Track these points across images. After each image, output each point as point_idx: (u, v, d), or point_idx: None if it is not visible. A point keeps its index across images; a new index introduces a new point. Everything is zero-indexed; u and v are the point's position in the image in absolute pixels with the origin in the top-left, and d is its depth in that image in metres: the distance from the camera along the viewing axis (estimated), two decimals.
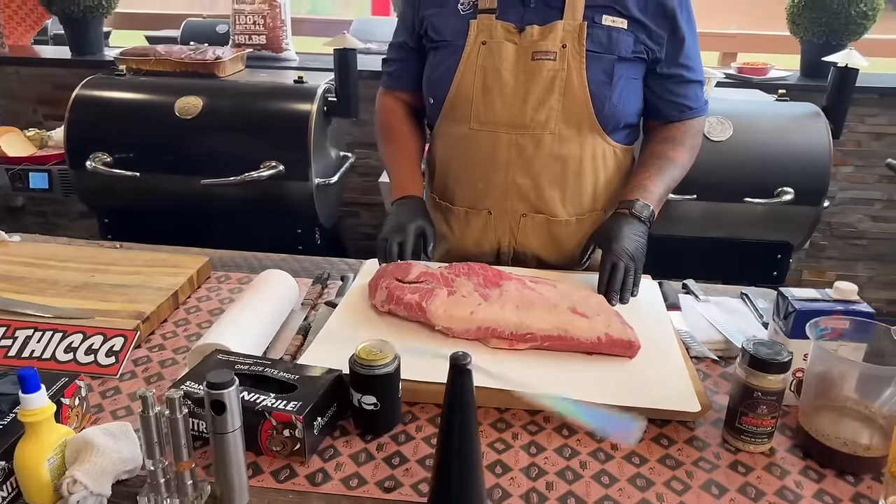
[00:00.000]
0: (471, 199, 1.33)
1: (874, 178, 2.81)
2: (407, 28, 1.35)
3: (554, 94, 1.22)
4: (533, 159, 1.26)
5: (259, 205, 2.23)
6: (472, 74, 1.24)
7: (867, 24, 2.62)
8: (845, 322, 0.92)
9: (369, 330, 1.07)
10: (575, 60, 1.20)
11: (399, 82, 1.41)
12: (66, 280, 1.22)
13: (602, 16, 1.20)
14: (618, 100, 1.23)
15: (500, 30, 1.23)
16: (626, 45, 1.21)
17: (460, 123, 1.28)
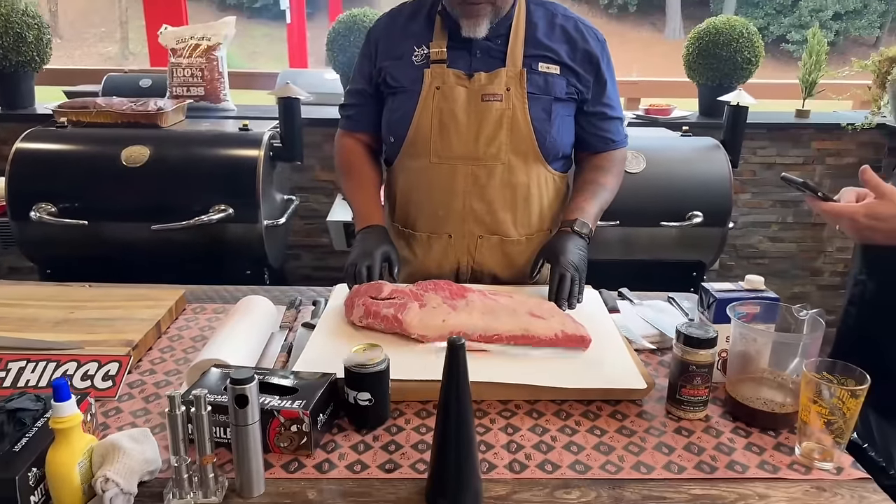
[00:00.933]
0: (432, 225, 1.48)
1: (769, 203, 3.15)
2: (364, 77, 1.50)
3: (503, 129, 1.39)
4: (487, 187, 1.42)
5: (209, 248, 2.28)
6: (429, 115, 1.40)
7: (752, 68, 2.98)
8: (756, 307, 1.10)
9: (351, 342, 1.17)
10: (519, 101, 1.39)
11: (358, 124, 1.55)
12: (47, 317, 1.27)
13: (538, 63, 1.40)
14: (556, 134, 1.43)
15: (452, 76, 1.40)
16: (560, 87, 1.41)
17: (420, 158, 1.44)
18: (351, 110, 1.56)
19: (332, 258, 3.15)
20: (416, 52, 1.42)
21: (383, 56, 1.46)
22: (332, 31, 2.86)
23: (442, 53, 1.41)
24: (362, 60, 1.51)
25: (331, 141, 2.94)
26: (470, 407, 0.83)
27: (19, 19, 2.78)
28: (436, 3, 1.45)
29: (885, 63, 2.95)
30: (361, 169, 1.54)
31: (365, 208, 1.48)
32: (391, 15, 1.51)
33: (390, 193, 1.57)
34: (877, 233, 1.06)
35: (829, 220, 1.14)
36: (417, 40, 1.43)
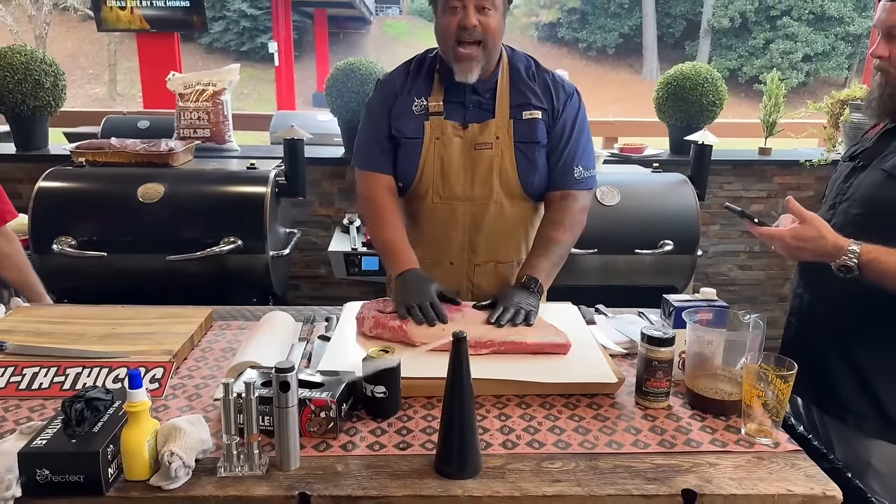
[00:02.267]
0: (435, 254, 1.69)
1: (737, 234, 3.39)
2: (382, 125, 1.65)
3: (493, 174, 1.62)
4: (482, 222, 1.65)
5: (219, 277, 2.45)
6: (431, 163, 1.63)
7: (716, 110, 3.25)
8: (709, 314, 1.30)
9: (364, 348, 1.35)
10: (506, 149, 1.61)
11: (383, 166, 1.67)
12: (92, 332, 1.44)
13: (522, 112, 1.62)
14: (538, 178, 1.65)
15: (449, 128, 1.62)
16: (542, 132, 1.62)
17: (424, 198, 1.66)
18: (371, 151, 1.68)
19: (329, 288, 3.33)
20: (416, 104, 1.63)
21: (394, 108, 1.64)
22: (330, 78, 3.08)
23: (439, 106, 1.62)
24: (379, 109, 1.66)
25: (328, 178, 3.19)
26: (471, 390, 1.01)
27: (38, 66, 2.99)
28: (436, 60, 1.66)
29: (836, 105, 3.22)
30: (393, 213, 1.66)
31: (405, 253, 1.59)
32: (400, 71, 1.69)
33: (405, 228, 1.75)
34: (803, 251, 1.27)
35: (766, 241, 1.35)
36: (418, 93, 1.64)
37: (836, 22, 23.27)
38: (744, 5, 24.11)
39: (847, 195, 1.38)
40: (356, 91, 3.01)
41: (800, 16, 23.50)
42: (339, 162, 3.19)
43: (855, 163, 1.40)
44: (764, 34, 24.09)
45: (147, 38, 7.39)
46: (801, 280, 1.47)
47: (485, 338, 1.35)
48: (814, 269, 1.37)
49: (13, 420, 1.15)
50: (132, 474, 0.98)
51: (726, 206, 1.41)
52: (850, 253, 1.22)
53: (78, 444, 0.96)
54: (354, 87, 3.01)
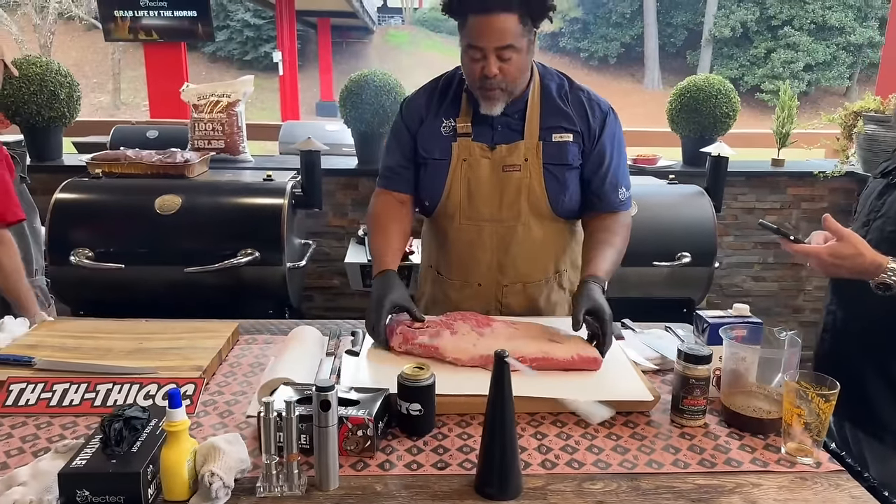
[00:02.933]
0: (463, 275, 1.67)
1: (751, 245, 3.38)
2: (403, 145, 1.65)
3: (521, 196, 1.59)
4: (510, 243, 1.63)
5: (236, 289, 2.45)
6: (458, 184, 1.60)
7: (730, 121, 3.25)
8: (744, 330, 1.29)
9: (395, 365, 1.34)
10: (535, 170, 1.58)
11: (397, 185, 1.67)
12: (119, 347, 1.43)
13: (552, 134, 1.58)
14: (567, 198, 1.61)
15: (477, 149, 1.59)
16: (574, 154, 1.59)
17: (452, 219, 1.64)
18: (389, 172, 1.68)
19: (343, 299, 3.32)
20: (445, 124, 1.60)
21: (420, 128, 1.63)
22: (344, 90, 3.09)
23: (467, 127, 1.59)
24: (401, 129, 1.66)
25: (342, 189, 3.19)
26: (513, 408, 1.00)
27: (53, 78, 2.99)
28: (461, 82, 1.61)
29: (850, 116, 3.23)
30: (387, 222, 1.65)
31: (379, 254, 1.58)
32: (426, 91, 1.67)
33: (428, 244, 1.77)
34: (840, 269, 1.26)
35: (800, 259, 1.34)
36: (446, 113, 1.61)
37: (837, 32, 23.35)
38: (745, 15, 24.21)
39: (881, 212, 1.37)
40: (370, 102, 3.01)
41: (801, 25, 23.58)
42: (352, 173, 3.19)
43: (888, 179, 1.40)
44: (765, 44, 24.17)
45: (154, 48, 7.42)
46: (835, 297, 1.46)
47: (515, 354, 1.33)
48: (848, 286, 1.36)
49: (46, 438, 1.14)
50: (172, 494, 0.97)
51: (760, 222, 1.40)
52: (889, 271, 1.22)
53: (118, 465, 0.95)
54: (369, 98, 3.01)
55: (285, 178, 2.65)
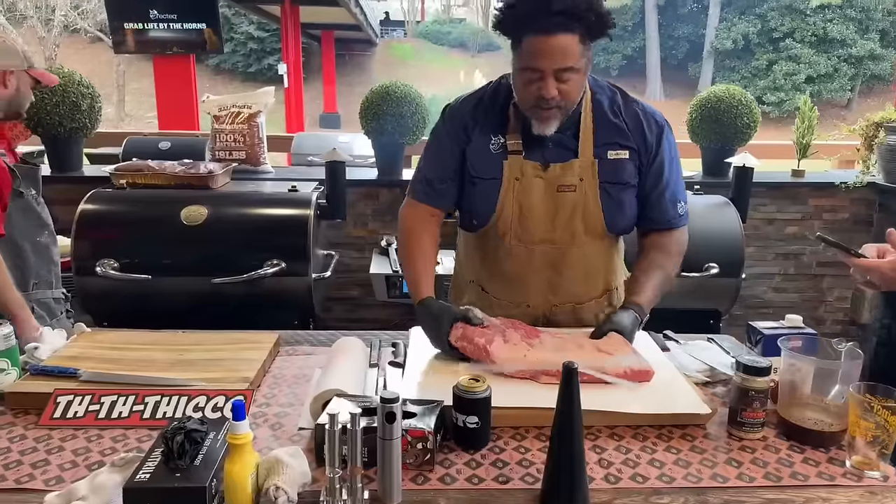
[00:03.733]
0: (511, 295, 1.63)
1: (772, 256, 3.37)
2: (449, 157, 1.58)
3: (577, 217, 1.53)
4: (562, 266, 1.58)
5: (262, 300, 2.43)
6: (510, 205, 1.54)
7: (750, 132, 3.25)
8: (799, 341, 1.27)
9: (443, 376, 1.32)
10: (591, 190, 1.52)
11: (438, 201, 1.61)
12: (162, 359, 1.41)
13: (608, 151, 1.52)
14: (623, 217, 1.56)
15: (529, 168, 1.52)
16: (630, 172, 1.53)
17: (502, 239, 1.57)
18: (427, 186, 1.61)
19: (362, 310, 3.30)
20: (493, 141, 1.54)
21: (469, 140, 1.55)
22: (365, 100, 3.09)
23: (518, 145, 1.52)
24: (445, 141, 1.58)
25: (362, 200, 3.18)
26: (581, 422, 0.98)
27: (75, 89, 2.99)
28: (509, 95, 1.52)
29: (871, 128, 3.22)
30: (424, 243, 1.60)
31: (418, 280, 1.54)
32: (472, 101, 1.59)
33: (470, 259, 1.70)
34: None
35: (860, 272, 1.32)
36: (495, 129, 1.54)
37: (838, 44, 23.45)
38: (746, 27, 24.34)
39: None
40: (392, 113, 3.01)
41: (802, 38, 23.70)
42: (373, 184, 3.19)
43: None
44: (767, 56, 24.27)
45: (163, 60, 7.46)
46: (888, 310, 1.44)
47: None
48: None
49: (98, 451, 1.12)
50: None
51: (818, 236, 1.38)
52: None
53: (183, 479, 0.93)
54: (390, 109, 3.01)
55: (309, 189, 2.64)
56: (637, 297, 1.53)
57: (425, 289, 1.53)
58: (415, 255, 1.60)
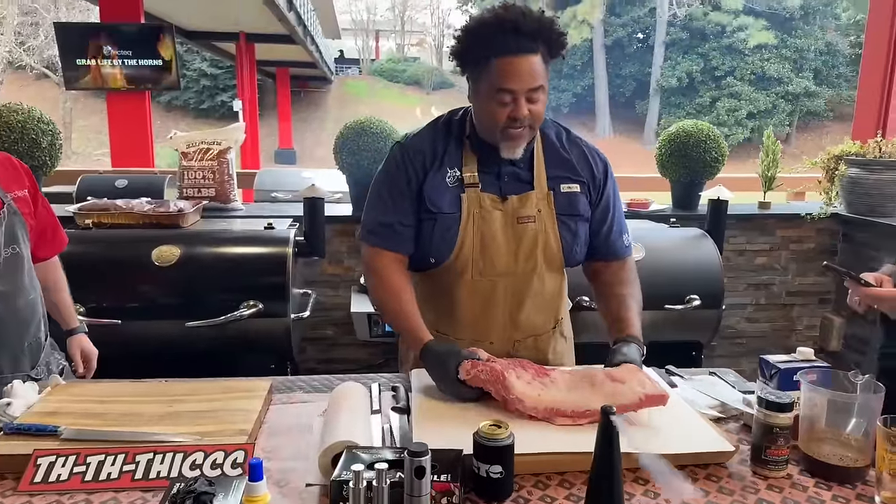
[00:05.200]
0: (474, 333, 1.58)
1: (743, 287, 3.42)
2: (405, 198, 1.52)
3: (537, 248, 1.54)
4: (524, 297, 1.57)
5: (238, 343, 2.33)
6: (471, 238, 1.51)
7: (718, 166, 3.32)
8: (814, 374, 1.26)
9: (453, 421, 1.26)
10: (549, 221, 1.54)
11: (400, 245, 1.55)
12: (150, 412, 1.31)
13: (560, 184, 1.55)
14: (579, 250, 1.59)
15: (488, 200, 1.51)
16: (583, 205, 1.57)
17: (462, 275, 1.54)
18: (387, 230, 1.54)
19: (337, 350, 3.20)
20: (450, 174, 1.52)
21: (425, 176, 1.51)
22: (340, 136, 3.04)
23: (474, 178, 1.51)
24: (400, 180, 1.52)
25: (337, 236, 3.10)
26: (621, 468, 0.94)
27: (35, 126, 2.87)
28: (462, 126, 1.54)
29: (832, 160, 3.33)
30: (402, 292, 1.54)
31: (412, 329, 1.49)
32: (425, 136, 1.56)
33: (424, 302, 1.59)
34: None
35: (870, 301, 1.33)
36: (451, 162, 1.52)
37: (775, 82, 24.65)
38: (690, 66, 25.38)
39: None
40: (368, 149, 2.97)
41: (742, 76, 24.84)
42: (348, 220, 3.12)
43: None
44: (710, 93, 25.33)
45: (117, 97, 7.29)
46: (891, 340, 1.45)
47: (582, 406, 1.28)
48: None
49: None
50: None
51: (825, 265, 1.39)
52: None
53: None
54: (366, 144, 2.97)
55: (285, 226, 2.57)
56: (632, 330, 1.53)
57: (423, 333, 1.49)
58: (400, 304, 1.54)
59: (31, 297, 1.64)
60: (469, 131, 1.54)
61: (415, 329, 1.50)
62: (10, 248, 1.55)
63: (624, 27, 27.13)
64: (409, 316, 1.52)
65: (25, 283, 1.61)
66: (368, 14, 38.67)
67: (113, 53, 7.03)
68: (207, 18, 13.12)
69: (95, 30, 7.17)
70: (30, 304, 1.63)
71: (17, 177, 1.63)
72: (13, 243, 1.56)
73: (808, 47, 24.85)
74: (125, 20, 7.11)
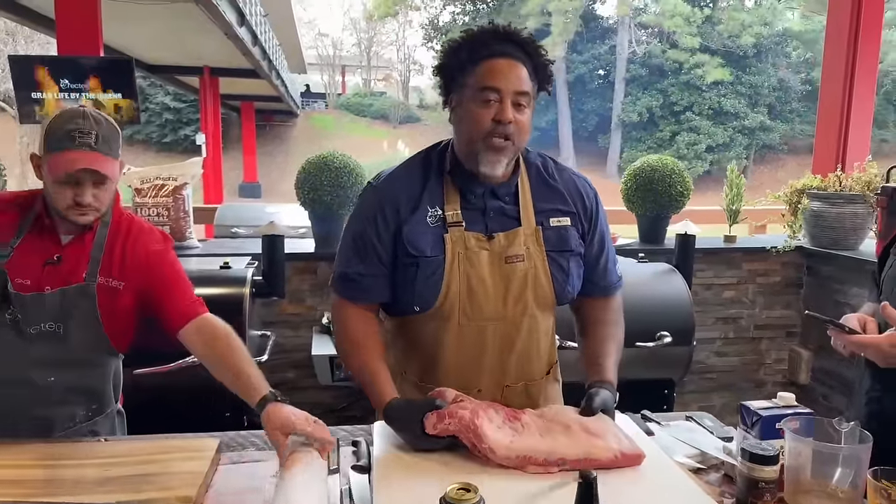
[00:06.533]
0: (461, 382, 1.44)
1: (712, 321, 3.40)
2: (377, 245, 1.42)
3: (528, 289, 1.43)
4: (514, 341, 1.47)
5: (190, 391, 2.18)
6: (457, 281, 1.41)
7: (684, 200, 3.31)
8: (797, 421, 1.20)
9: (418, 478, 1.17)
10: (539, 259, 1.44)
11: (371, 297, 1.46)
12: (79, 477, 1.18)
13: (549, 218, 1.46)
14: (571, 287, 1.49)
15: (473, 240, 1.41)
16: (574, 239, 1.47)
17: (448, 321, 1.43)
18: (358, 281, 1.45)
19: (298, 394, 3.05)
20: (431, 213, 1.42)
21: (404, 219, 1.42)
22: (302, 171, 2.95)
23: (457, 216, 1.41)
24: (374, 225, 1.42)
25: (298, 274, 2.99)
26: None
27: None
28: (442, 161, 1.46)
29: (795, 194, 3.36)
30: (373, 349, 1.46)
31: (379, 387, 1.40)
32: (401, 176, 1.47)
33: (401, 349, 1.55)
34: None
35: (855, 349, 1.27)
36: (431, 201, 1.42)
37: (732, 117, 25.43)
38: (650, 101, 26.05)
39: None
40: (330, 184, 2.89)
41: (700, 111, 25.57)
42: (310, 257, 3.02)
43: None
44: (670, 127, 25.98)
45: None
46: (877, 384, 1.39)
47: (554, 455, 1.20)
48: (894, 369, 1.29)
49: None
50: None
51: (808, 313, 1.33)
52: None
53: None
54: (328, 179, 2.89)
55: (242, 265, 2.46)
56: (607, 375, 1.45)
57: (386, 392, 1.39)
58: (363, 358, 1.44)
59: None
60: (450, 166, 1.45)
61: (377, 385, 1.40)
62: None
63: (585, 64, 27.77)
64: (373, 371, 1.42)
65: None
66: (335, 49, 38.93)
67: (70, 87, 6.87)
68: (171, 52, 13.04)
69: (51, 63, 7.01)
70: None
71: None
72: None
73: (761, 83, 25.74)
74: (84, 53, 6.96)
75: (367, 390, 1.43)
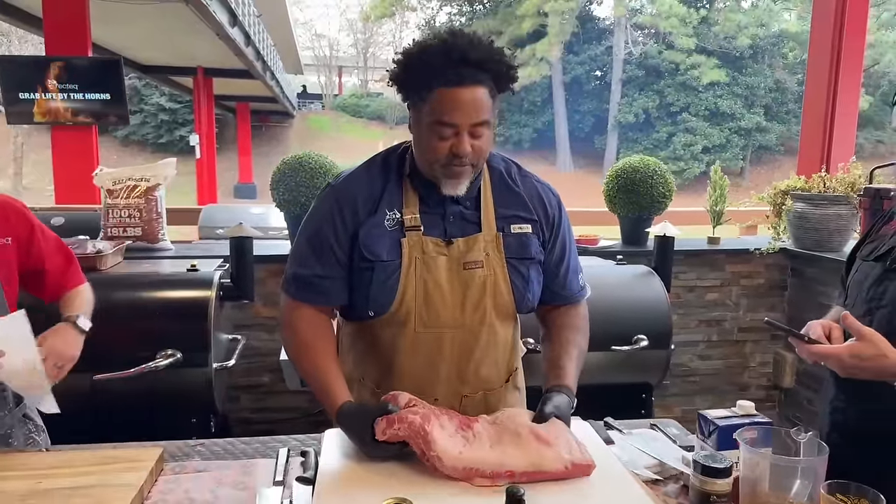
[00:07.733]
0: (418, 390, 1.38)
1: (695, 324, 3.36)
2: (334, 246, 1.38)
3: (486, 296, 1.40)
4: (473, 350, 1.42)
5: (152, 397, 2.14)
6: (413, 287, 1.37)
7: (666, 201, 3.27)
8: (754, 431, 1.16)
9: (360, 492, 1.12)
10: (498, 265, 1.40)
11: (327, 299, 1.42)
12: (11, 489, 1.14)
13: (510, 225, 1.42)
14: (531, 294, 1.45)
15: (431, 245, 1.38)
16: (535, 247, 1.43)
17: (404, 327, 1.39)
18: (313, 282, 1.40)
19: (273, 398, 3.02)
20: (388, 217, 1.38)
21: (361, 221, 1.38)
22: (276, 172, 2.91)
23: (415, 220, 1.38)
24: (330, 227, 1.38)
25: (272, 276, 2.95)
26: None
27: None
28: (402, 163, 1.43)
29: (779, 195, 3.32)
30: (324, 350, 1.42)
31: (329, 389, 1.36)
32: (359, 177, 1.43)
33: (357, 354, 1.51)
34: (863, 371, 1.16)
35: (816, 359, 1.22)
36: (389, 204, 1.39)
37: (728, 118, 25.40)
38: (646, 102, 26.03)
39: (884, 301, 1.28)
40: (305, 185, 2.84)
41: (697, 112, 25.54)
42: (284, 259, 2.95)
43: (886, 264, 1.30)
44: (666, 128, 25.96)
45: (62, 131, 7.05)
46: (841, 394, 1.35)
47: (503, 467, 1.15)
48: (861, 383, 1.24)
49: None
50: None
51: (767, 321, 1.29)
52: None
53: None
54: (303, 180, 2.84)
55: (211, 268, 2.41)
56: (566, 380, 1.40)
57: (338, 395, 1.34)
58: (315, 362, 1.39)
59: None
60: (409, 169, 1.41)
61: (330, 387, 1.36)
62: None
63: (582, 65, 27.73)
64: (325, 375, 1.38)
65: None
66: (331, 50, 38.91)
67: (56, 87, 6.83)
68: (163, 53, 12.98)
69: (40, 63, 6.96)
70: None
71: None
72: None
73: (758, 85, 25.72)
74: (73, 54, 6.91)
75: (320, 395, 1.39)
